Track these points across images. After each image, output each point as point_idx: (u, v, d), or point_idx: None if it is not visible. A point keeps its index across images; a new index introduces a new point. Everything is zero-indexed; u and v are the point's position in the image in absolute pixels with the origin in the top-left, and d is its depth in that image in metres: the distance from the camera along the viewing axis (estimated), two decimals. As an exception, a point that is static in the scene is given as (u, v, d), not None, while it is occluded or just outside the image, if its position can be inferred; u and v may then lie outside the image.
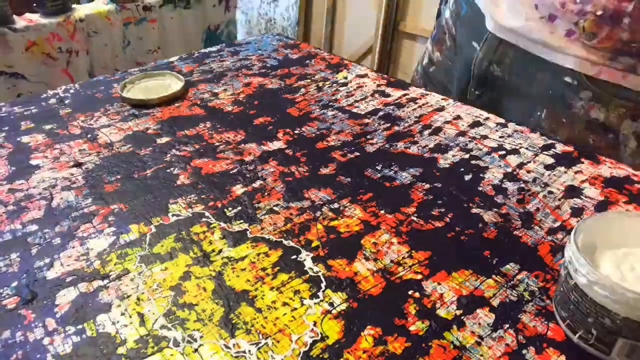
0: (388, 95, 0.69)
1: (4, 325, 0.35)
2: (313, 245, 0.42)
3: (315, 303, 0.37)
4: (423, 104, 0.66)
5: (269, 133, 0.60)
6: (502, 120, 0.62)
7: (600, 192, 0.49)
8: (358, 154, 0.56)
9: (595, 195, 0.48)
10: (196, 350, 0.33)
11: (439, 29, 0.78)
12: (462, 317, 0.36)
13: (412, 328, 0.35)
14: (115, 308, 0.37)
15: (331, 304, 0.37)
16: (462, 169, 0.53)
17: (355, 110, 0.65)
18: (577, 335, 0.33)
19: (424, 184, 0.50)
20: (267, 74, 0.76)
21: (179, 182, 0.51)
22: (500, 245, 0.42)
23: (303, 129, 0.61)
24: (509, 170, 0.52)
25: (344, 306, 0.37)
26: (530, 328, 0.35)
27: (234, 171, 0.53)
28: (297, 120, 0.63)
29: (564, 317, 0.34)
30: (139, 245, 0.43)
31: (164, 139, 0.59)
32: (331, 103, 0.67)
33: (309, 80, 0.74)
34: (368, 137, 0.59)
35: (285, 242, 0.43)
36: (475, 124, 0.61)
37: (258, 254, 0.41)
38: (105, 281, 0.39)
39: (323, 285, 0.38)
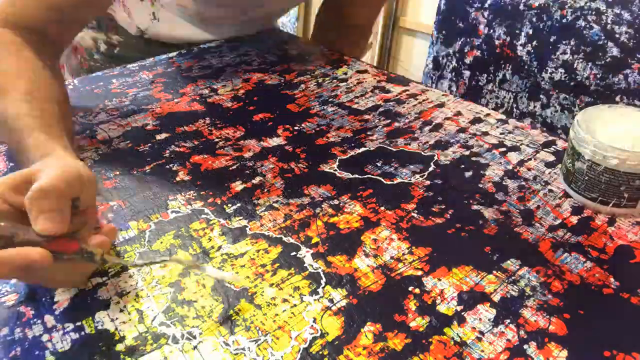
0: (388, 91, 0.69)
1: (3, 322, 0.35)
2: (313, 241, 0.42)
3: (315, 299, 0.37)
4: (423, 100, 0.66)
5: (269, 129, 0.60)
6: (502, 117, 0.62)
7: (601, 188, 0.49)
8: (358, 150, 0.55)
9: (596, 192, 0.48)
10: (195, 347, 0.33)
11: (100, 18, 0.85)
12: (462, 313, 0.35)
13: (412, 324, 0.35)
14: (114, 305, 0.36)
15: (331, 301, 0.37)
16: (463, 166, 0.52)
17: (355, 106, 0.65)
18: (611, 204, 0.44)
19: (424, 180, 0.50)
20: (267, 70, 0.76)
21: (178, 179, 0.51)
22: (501, 241, 0.42)
23: (303, 125, 0.61)
24: (510, 167, 0.52)
25: (343, 302, 0.36)
26: (531, 323, 0.35)
27: (233, 168, 0.53)
28: (296, 117, 0.62)
29: (594, 198, 0.45)
30: (138, 242, 0.42)
31: (163, 135, 0.59)
32: (331, 99, 0.67)
33: (308, 76, 0.74)
34: (368, 133, 0.59)
35: (284, 238, 0.43)
36: (476, 121, 0.61)
37: (257, 251, 0.41)
38: (104, 278, 0.39)
39: (323, 281, 0.38)
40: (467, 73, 1.04)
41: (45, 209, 0.32)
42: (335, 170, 0.52)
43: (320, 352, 0.33)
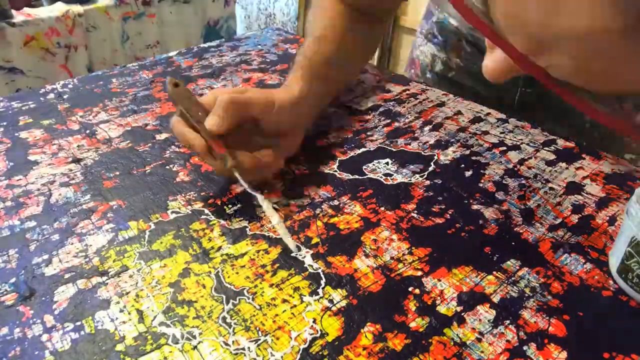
0: (388, 91, 0.69)
1: (2, 322, 0.35)
2: (313, 242, 0.42)
3: (315, 300, 0.37)
4: (423, 100, 0.66)
5: (269, 129, 0.60)
6: (503, 116, 0.62)
7: (601, 189, 0.49)
8: (358, 150, 0.55)
9: (596, 192, 0.48)
10: (195, 347, 0.33)
11: (448, 36, 0.78)
12: (462, 314, 0.35)
13: (412, 325, 0.35)
14: (114, 305, 0.36)
15: (331, 301, 0.37)
16: (463, 165, 0.52)
17: (355, 106, 0.65)
18: None
19: (424, 180, 0.50)
20: (267, 69, 0.76)
21: (178, 179, 0.51)
22: (501, 241, 0.42)
23: (303, 124, 0.60)
24: (510, 166, 0.52)
25: (343, 303, 0.36)
26: (531, 324, 0.35)
27: (233, 167, 0.52)
28: (296, 116, 0.62)
29: None
30: (137, 242, 0.42)
31: (164, 135, 0.59)
32: (331, 99, 0.67)
33: (308, 76, 0.73)
34: (368, 133, 0.58)
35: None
36: (476, 120, 0.61)
37: (258, 251, 0.41)
38: (104, 278, 0.39)
39: (323, 282, 0.38)
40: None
41: (216, 113, 0.44)
42: (335, 171, 0.52)
43: (320, 353, 0.33)
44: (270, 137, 0.48)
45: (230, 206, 0.47)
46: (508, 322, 0.35)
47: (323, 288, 0.38)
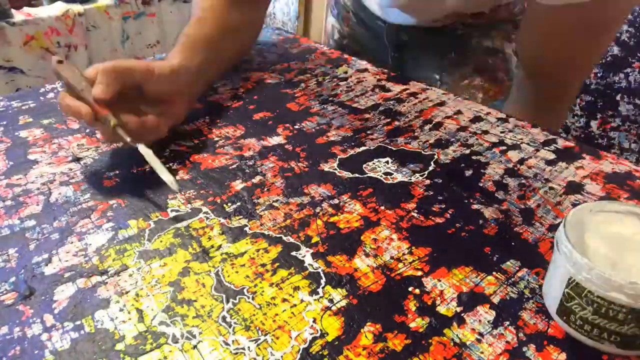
0: (388, 90, 0.68)
1: (2, 321, 0.35)
2: (313, 241, 0.42)
3: (314, 299, 0.37)
4: (424, 99, 0.66)
5: (269, 128, 0.60)
6: (503, 116, 0.62)
7: (601, 188, 0.49)
8: (358, 149, 0.55)
9: (596, 191, 0.48)
10: (195, 346, 0.33)
11: (340, 8, 0.97)
12: (462, 314, 0.35)
13: (412, 325, 0.35)
14: (114, 304, 0.36)
15: (331, 301, 0.37)
16: (463, 165, 0.52)
17: (355, 105, 0.65)
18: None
19: (424, 179, 0.50)
20: (267, 69, 0.76)
21: (178, 178, 0.51)
22: (501, 241, 0.42)
23: (303, 124, 0.60)
24: (510, 165, 0.52)
25: (343, 303, 0.36)
26: (530, 325, 0.35)
27: (233, 166, 0.52)
28: (297, 115, 0.62)
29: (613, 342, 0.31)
30: (137, 240, 0.42)
31: (163, 134, 0.58)
32: (331, 98, 0.67)
33: (308, 75, 0.74)
34: (368, 132, 0.58)
35: (284, 238, 0.43)
36: (476, 119, 0.61)
37: (257, 250, 0.41)
38: (104, 277, 0.39)
39: (323, 281, 0.38)
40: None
41: (100, 80, 0.47)
42: (335, 169, 0.52)
43: (320, 352, 0.33)
44: (154, 105, 0.53)
45: (229, 204, 0.47)
46: (508, 323, 0.35)
47: (323, 287, 0.38)
